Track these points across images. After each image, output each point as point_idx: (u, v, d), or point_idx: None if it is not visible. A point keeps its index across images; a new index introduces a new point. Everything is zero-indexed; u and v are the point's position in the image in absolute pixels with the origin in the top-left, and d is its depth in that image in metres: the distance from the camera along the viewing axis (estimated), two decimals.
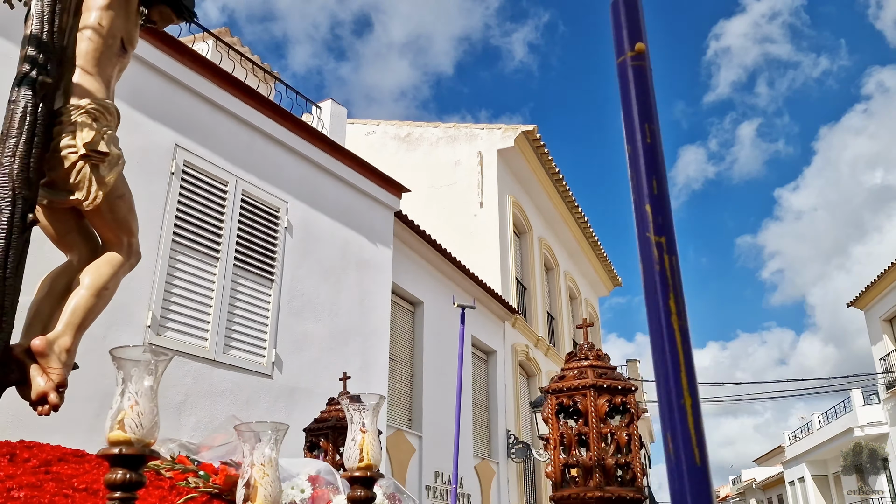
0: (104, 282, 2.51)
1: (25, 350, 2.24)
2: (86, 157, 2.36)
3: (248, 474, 1.73)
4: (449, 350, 10.58)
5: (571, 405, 4.14)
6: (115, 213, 2.55)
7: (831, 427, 27.26)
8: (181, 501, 2.72)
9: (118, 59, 2.67)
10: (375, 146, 15.70)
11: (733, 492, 45.02)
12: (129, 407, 1.47)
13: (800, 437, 31.54)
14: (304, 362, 6.57)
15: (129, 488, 1.44)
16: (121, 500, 1.43)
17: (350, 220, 7.59)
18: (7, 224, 2.16)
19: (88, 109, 2.43)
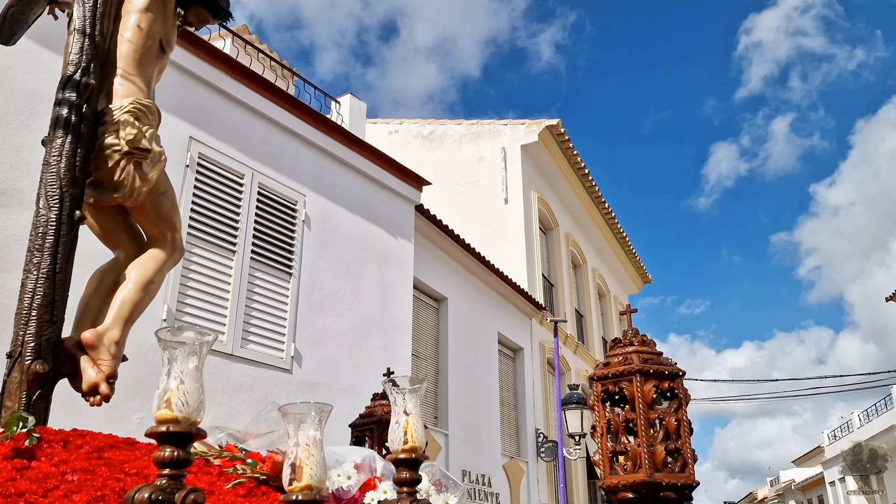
0: (150, 276, 2.55)
1: (76, 343, 2.30)
2: (129, 155, 2.41)
3: (294, 455, 1.73)
4: (474, 346, 10.42)
5: (617, 392, 4.06)
6: (158, 210, 2.60)
7: (872, 425, 26.52)
8: (229, 486, 2.71)
9: (157, 60, 2.76)
10: (399, 145, 15.61)
11: (771, 493, 44.09)
12: (176, 386, 1.50)
13: (839, 436, 30.75)
14: (324, 357, 6.47)
15: (177, 465, 1.45)
16: (170, 476, 1.43)
17: (370, 213, 7.48)
18: (56, 221, 2.25)
19: (130, 109, 2.49)
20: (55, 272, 2.25)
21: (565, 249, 15.75)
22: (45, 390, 2.18)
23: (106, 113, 2.50)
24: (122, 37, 2.63)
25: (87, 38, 2.48)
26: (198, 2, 2.92)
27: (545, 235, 15.25)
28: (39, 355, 2.16)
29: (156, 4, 2.71)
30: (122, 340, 2.44)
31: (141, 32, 2.65)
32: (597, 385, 4.20)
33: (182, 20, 2.99)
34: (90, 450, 2.00)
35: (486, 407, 10.40)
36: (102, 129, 2.47)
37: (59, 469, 1.87)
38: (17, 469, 1.78)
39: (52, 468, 1.85)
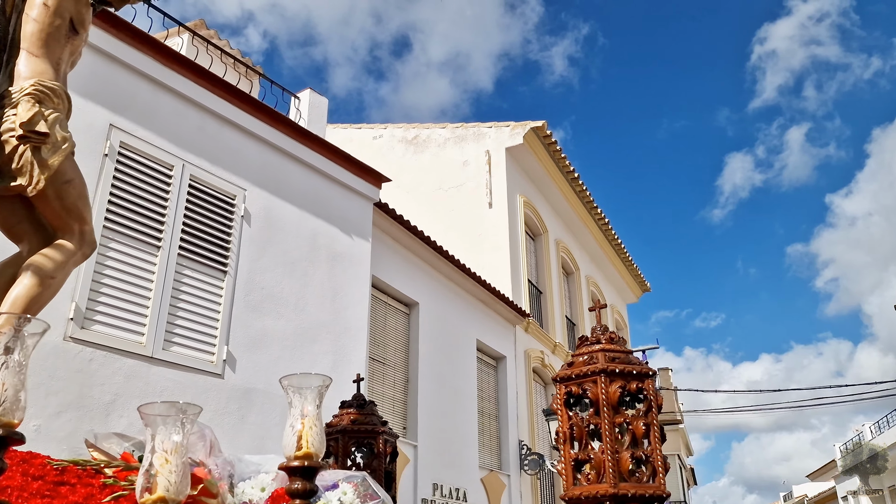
0: (49, 271, 2.41)
1: None
2: (24, 139, 2.28)
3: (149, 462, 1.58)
4: (450, 354, 9.96)
5: (581, 393, 3.73)
6: (63, 200, 2.46)
7: (883, 437, 25.71)
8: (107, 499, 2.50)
9: (67, 41, 2.60)
10: (383, 150, 15.27)
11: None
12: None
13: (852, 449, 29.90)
14: (262, 361, 6.04)
15: None
16: None
17: (320, 210, 7.07)
18: None
19: (31, 91, 2.36)
20: None
21: (555, 255, 15.28)
22: None
23: (5, 95, 2.37)
24: (28, 15, 2.48)
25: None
26: None
27: (533, 241, 14.79)
28: None
29: None
30: None
31: (47, 10, 2.49)
32: (560, 387, 3.86)
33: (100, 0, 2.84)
34: None
35: (462, 417, 9.92)
36: (1, 112, 2.35)
37: None
38: None
39: None
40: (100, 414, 4.88)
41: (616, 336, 4.13)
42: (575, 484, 3.67)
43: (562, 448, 3.80)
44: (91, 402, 4.86)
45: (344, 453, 5.23)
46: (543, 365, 13.14)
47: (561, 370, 3.92)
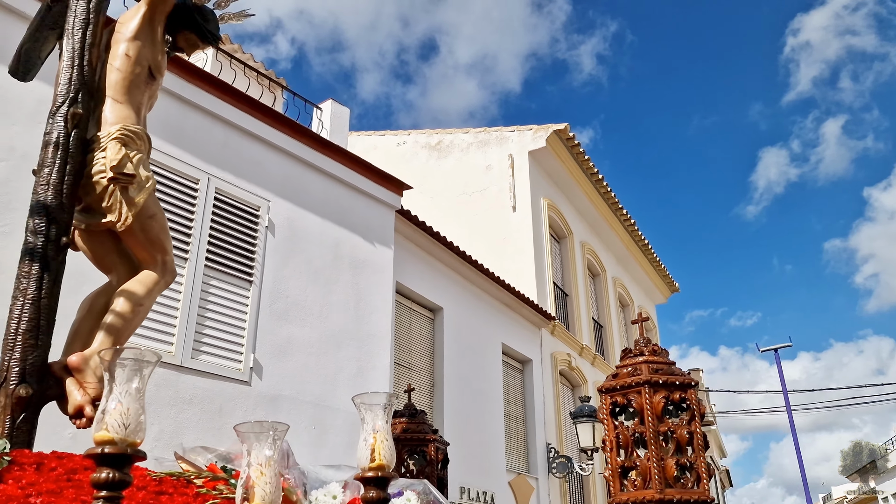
0: (138, 299, 2.60)
1: (63, 366, 2.37)
2: (114, 181, 2.48)
3: (246, 474, 1.71)
4: (475, 358, 10.04)
5: (626, 403, 3.95)
6: (147, 233, 2.65)
7: None
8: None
9: (146, 86, 2.79)
10: (407, 156, 15.41)
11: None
12: (114, 408, 1.50)
13: (891, 448, 29.32)
14: (288, 368, 6.18)
15: (113, 487, 1.45)
16: (105, 499, 1.44)
17: (343, 218, 7.21)
18: (42, 248, 2.34)
19: (118, 136, 2.56)
20: (41, 298, 2.32)
21: (581, 258, 15.27)
22: (29, 413, 2.22)
23: (94, 140, 2.57)
24: (112, 65, 2.70)
25: (76, 69, 2.57)
26: (187, 27, 2.95)
27: (558, 243, 14.80)
28: (24, 379, 2.22)
29: (144, 32, 2.75)
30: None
31: (129, 60, 2.71)
32: (605, 397, 4.08)
33: (171, 46, 3.01)
34: (62, 472, 1.98)
35: (488, 421, 9.98)
36: (91, 156, 2.55)
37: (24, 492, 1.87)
38: None
39: (17, 491, 1.87)
40: None
41: (658, 348, 4.27)
42: (622, 490, 3.86)
43: (608, 455, 3.99)
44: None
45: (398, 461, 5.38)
46: (570, 368, 13.15)
47: (606, 381, 4.12)
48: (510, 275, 12.01)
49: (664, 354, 4.16)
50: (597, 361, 14.56)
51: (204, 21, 2.97)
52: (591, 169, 15.06)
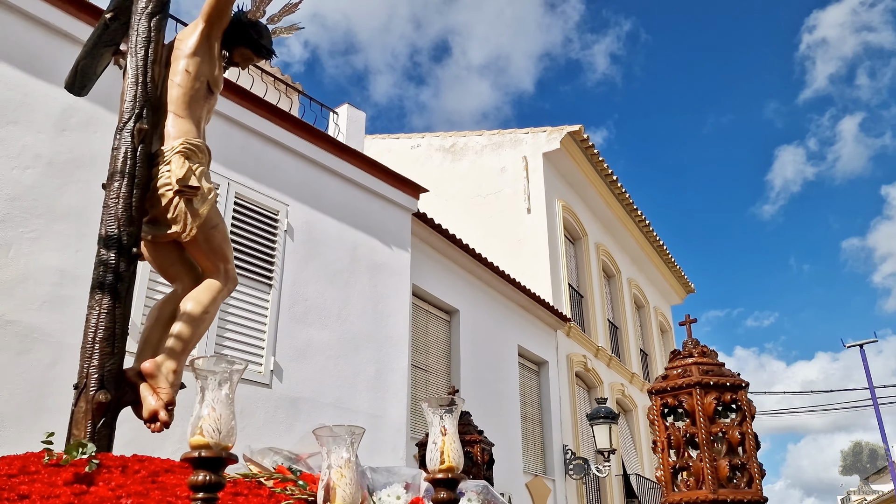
0: (204, 307, 2.70)
1: (137, 373, 2.47)
2: (179, 193, 2.57)
3: (327, 476, 1.79)
4: (491, 360, 10.07)
5: (677, 405, 4.00)
6: (210, 243, 2.74)
7: None
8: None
9: (205, 101, 2.89)
10: (421, 159, 15.46)
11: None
12: (207, 414, 1.58)
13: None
14: (307, 371, 6.23)
15: (210, 489, 1.54)
16: (203, 500, 1.54)
17: (360, 222, 7.26)
18: (115, 260, 2.43)
19: (181, 149, 2.65)
20: (115, 307, 2.40)
21: (595, 259, 15.26)
22: (108, 418, 2.34)
23: (159, 154, 2.65)
24: (172, 81, 2.79)
25: (140, 86, 2.67)
26: (242, 43, 3.03)
27: (573, 245, 14.80)
28: (102, 385, 2.33)
29: (202, 48, 2.84)
30: (180, 369, 2.58)
31: (189, 76, 2.79)
32: (655, 399, 4.13)
33: (228, 61, 3.10)
34: (146, 474, 2.08)
35: (505, 422, 10.00)
36: (156, 169, 2.63)
37: (115, 493, 1.95)
38: (75, 494, 1.87)
39: (108, 493, 1.94)
40: None
41: (707, 349, 4.33)
42: (674, 490, 3.91)
43: (660, 456, 4.04)
44: None
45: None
46: (586, 369, 13.14)
47: (655, 383, 4.16)
48: (525, 277, 12.03)
49: (713, 356, 4.23)
50: (612, 363, 14.54)
51: (258, 36, 3.06)
52: (605, 170, 15.05)
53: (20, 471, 1.89)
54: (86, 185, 5.18)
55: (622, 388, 14.74)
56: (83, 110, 5.29)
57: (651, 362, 17.70)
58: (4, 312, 4.56)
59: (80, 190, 5.13)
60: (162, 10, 2.81)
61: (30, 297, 4.72)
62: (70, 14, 5.32)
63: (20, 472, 1.88)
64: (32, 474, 1.88)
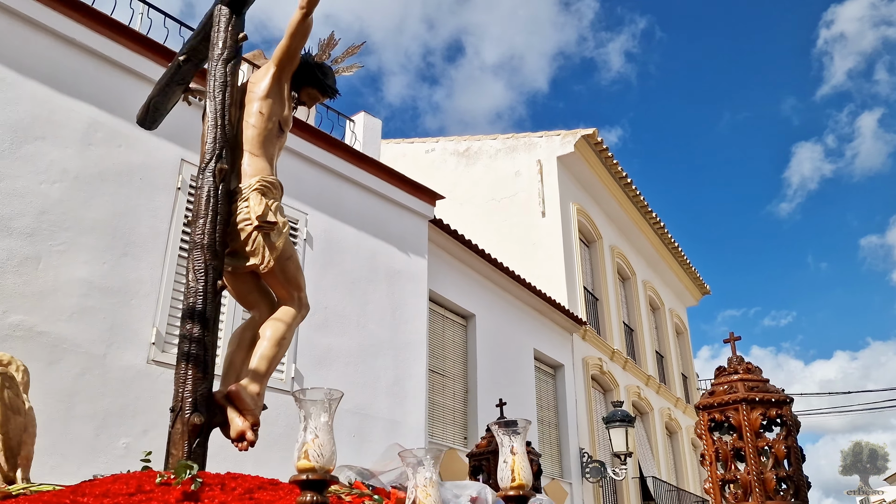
0: (282, 333, 2.86)
1: (225, 396, 2.62)
2: (258, 228, 2.74)
3: (413, 495, 1.89)
4: (507, 364, 10.12)
5: (724, 420, 4.17)
6: (285, 273, 2.89)
7: None
8: None
9: (277, 139, 3.05)
10: (436, 163, 15.54)
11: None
12: (311, 440, 1.72)
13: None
14: (328, 377, 6.32)
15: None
16: None
17: (378, 229, 7.35)
18: (203, 291, 2.60)
19: (258, 187, 2.81)
20: (204, 336, 2.57)
21: (610, 262, 15.27)
22: (202, 439, 2.51)
23: (237, 191, 2.80)
24: (247, 122, 2.96)
25: (219, 128, 2.82)
26: (309, 83, 3.22)
27: (588, 248, 14.83)
28: (196, 408, 2.48)
29: (274, 91, 3.01)
30: (262, 392, 2.75)
31: (262, 117, 2.97)
32: (703, 414, 4.30)
33: (296, 101, 3.28)
34: (242, 491, 2.20)
35: None
36: (235, 205, 2.77)
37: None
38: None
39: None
40: None
41: (752, 366, 4.45)
42: (723, 502, 4.06)
43: (708, 469, 4.20)
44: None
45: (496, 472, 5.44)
46: (602, 372, 13.16)
47: (702, 399, 4.33)
48: (540, 280, 12.07)
49: (758, 372, 4.36)
50: (628, 365, 14.54)
51: (324, 77, 3.24)
52: (619, 173, 15.06)
53: (137, 489, 2.05)
54: (111, 199, 5.30)
55: (638, 391, 14.74)
56: (107, 125, 5.41)
57: (667, 365, 17.68)
58: (35, 323, 4.68)
59: (105, 203, 5.25)
60: (236, 56, 3.00)
61: (58, 309, 4.83)
62: (95, 31, 5.44)
63: (137, 490, 2.04)
64: (148, 493, 2.04)
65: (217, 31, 2.99)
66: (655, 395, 15.83)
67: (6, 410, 2.63)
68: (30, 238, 4.78)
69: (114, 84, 5.53)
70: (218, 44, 2.97)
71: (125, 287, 5.21)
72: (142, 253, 5.35)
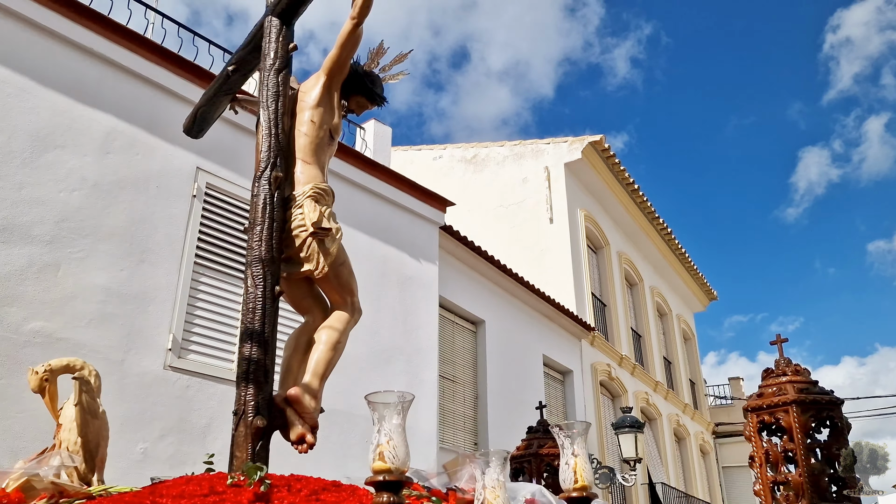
0: (337, 337, 2.94)
1: (284, 399, 2.66)
2: (313, 234, 2.79)
3: (482, 496, 1.92)
4: (517, 370, 10.16)
5: (773, 422, 4.17)
6: (339, 279, 2.97)
7: None
8: None
9: (328, 147, 3.11)
10: (444, 170, 15.61)
11: None
12: (386, 442, 1.76)
13: None
14: (341, 383, 6.34)
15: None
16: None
17: (389, 236, 7.40)
18: (262, 297, 2.65)
19: (311, 194, 2.87)
20: (265, 340, 2.62)
21: (618, 268, 15.30)
22: (265, 441, 2.56)
23: (291, 199, 2.86)
24: (299, 131, 3.00)
25: (273, 137, 2.88)
26: (358, 92, 3.29)
27: (595, 254, 14.86)
28: (259, 412, 2.53)
29: (325, 99, 3.08)
30: (320, 395, 2.81)
31: (314, 126, 3.04)
32: (752, 416, 4.30)
33: (345, 109, 3.35)
34: (308, 492, 2.26)
35: None
36: (289, 212, 2.83)
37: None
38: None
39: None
40: (198, 437, 5.28)
41: (801, 367, 4.48)
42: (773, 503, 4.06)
43: (758, 471, 4.20)
44: (189, 425, 5.26)
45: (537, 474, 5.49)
46: (611, 378, 13.18)
47: (751, 401, 4.32)
48: (548, 286, 12.11)
49: (806, 374, 4.34)
50: (636, 371, 14.55)
51: (372, 85, 3.31)
52: (626, 179, 15.11)
53: (210, 490, 2.11)
54: (129, 206, 5.37)
55: (646, 397, 14.75)
56: (126, 133, 5.49)
57: (675, 371, 17.67)
58: (55, 330, 4.74)
59: (124, 210, 5.32)
60: (287, 66, 3.06)
61: (78, 315, 4.90)
62: (114, 42, 5.52)
63: (210, 491, 2.11)
64: (221, 494, 2.10)
65: (268, 41, 3.06)
66: (663, 401, 15.82)
67: (85, 414, 2.70)
68: (49, 245, 4.85)
69: (132, 93, 5.61)
70: (269, 54, 3.03)
71: (142, 293, 5.27)
72: (158, 260, 5.42)
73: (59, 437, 2.77)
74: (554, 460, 5.12)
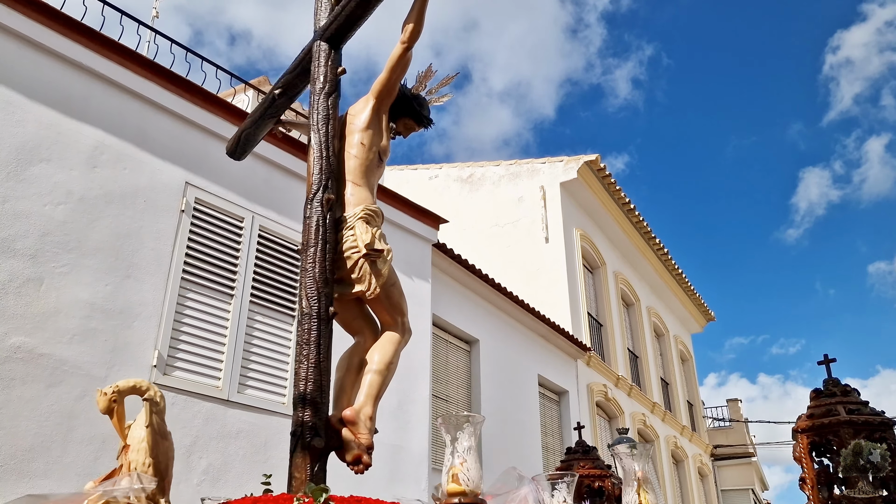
0: (389, 358, 2.93)
1: (339, 420, 2.68)
2: (366, 256, 2.81)
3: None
4: (511, 390, 10.04)
5: (824, 443, 4.14)
6: (390, 299, 2.96)
7: None
8: None
9: (377, 168, 3.12)
10: (439, 189, 15.59)
11: None
12: (460, 464, 1.79)
13: None
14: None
15: None
16: None
17: None
18: (317, 318, 2.69)
19: (363, 215, 2.88)
20: (320, 361, 2.64)
21: (614, 287, 15.23)
22: (322, 462, 2.57)
23: (343, 220, 2.89)
24: (349, 153, 3.03)
25: (324, 160, 2.93)
26: (405, 114, 3.34)
27: (591, 274, 14.79)
28: (317, 433, 2.55)
29: (374, 122, 3.10)
30: (374, 415, 2.80)
31: (364, 148, 3.06)
32: (801, 437, 4.28)
33: (393, 131, 3.37)
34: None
35: (526, 453, 9.94)
36: (340, 234, 2.86)
37: None
38: None
39: None
40: (182, 455, 5.15)
41: (850, 388, 4.41)
42: None
43: (809, 493, 4.17)
44: (174, 443, 5.14)
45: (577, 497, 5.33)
46: (607, 399, 13.04)
47: (801, 422, 4.30)
48: (544, 306, 12.02)
49: (855, 394, 4.33)
50: (633, 392, 14.41)
51: (420, 108, 3.35)
52: (622, 199, 15.08)
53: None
54: (116, 220, 5.30)
55: (643, 418, 14.59)
56: (113, 147, 5.44)
57: (672, 392, 17.52)
58: (36, 345, 4.65)
59: (109, 225, 5.25)
60: (336, 90, 3.12)
61: (60, 331, 4.81)
62: (103, 56, 5.49)
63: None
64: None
65: (317, 65, 3.10)
66: (661, 422, 15.66)
67: (156, 435, 2.65)
68: (32, 259, 4.77)
69: (120, 107, 5.57)
70: (319, 78, 3.07)
71: (127, 309, 5.18)
72: (144, 275, 5.34)
73: (126, 457, 2.72)
74: (594, 482, 5.11)
